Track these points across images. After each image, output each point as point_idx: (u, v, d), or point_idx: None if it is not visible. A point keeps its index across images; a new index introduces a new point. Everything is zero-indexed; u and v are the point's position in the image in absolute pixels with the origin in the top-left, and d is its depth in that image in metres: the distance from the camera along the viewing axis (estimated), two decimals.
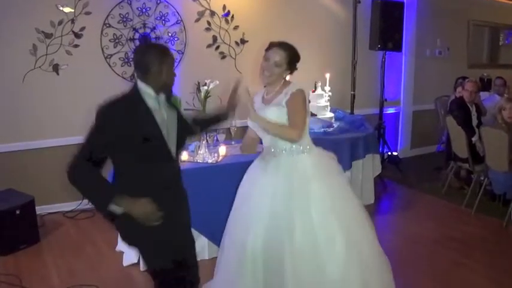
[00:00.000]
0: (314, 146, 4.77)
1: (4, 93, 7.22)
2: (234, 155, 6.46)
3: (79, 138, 7.46)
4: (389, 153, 9.99)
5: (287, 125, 4.46)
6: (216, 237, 5.96)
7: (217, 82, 6.71)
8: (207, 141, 6.39)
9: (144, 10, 7.82)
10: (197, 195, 5.80)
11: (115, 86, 7.56)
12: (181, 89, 8.07)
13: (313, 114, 8.00)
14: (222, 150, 6.41)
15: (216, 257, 5.14)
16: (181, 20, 8.12)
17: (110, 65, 7.74)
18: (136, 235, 3.77)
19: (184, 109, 7.19)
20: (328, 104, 8.34)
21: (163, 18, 7.99)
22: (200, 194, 5.82)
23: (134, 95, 3.68)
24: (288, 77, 4.63)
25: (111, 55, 7.73)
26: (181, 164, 6.05)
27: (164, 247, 3.78)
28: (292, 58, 4.73)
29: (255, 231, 4.37)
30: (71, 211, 7.72)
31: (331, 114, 8.29)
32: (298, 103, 4.57)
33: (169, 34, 8.08)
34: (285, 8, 9.00)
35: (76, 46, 7.47)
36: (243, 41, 8.64)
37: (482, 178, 8.04)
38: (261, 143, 4.82)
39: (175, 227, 3.88)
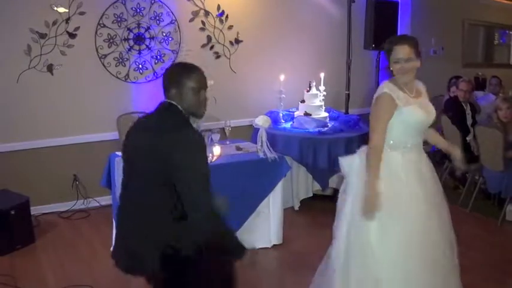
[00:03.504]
0: None
1: None
2: (228, 154, 6.46)
3: (74, 138, 7.55)
4: None
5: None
6: None
7: (212, 82, 6.69)
8: None
9: (138, 10, 7.82)
10: None
11: (109, 86, 7.63)
12: None
13: (307, 114, 8.01)
14: (217, 150, 6.40)
15: None
16: (176, 20, 8.11)
17: (104, 65, 7.72)
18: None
19: None
20: (322, 103, 8.34)
21: (157, 18, 7.98)
22: None
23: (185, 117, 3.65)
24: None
25: (106, 55, 7.72)
26: None
27: None
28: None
29: None
30: (66, 211, 7.71)
31: (326, 114, 8.30)
32: None
33: (164, 34, 8.07)
34: (279, 8, 8.99)
35: (70, 46, 7.46)
36: (237, 41, 8.64)
37: (477, 177, 8.05)
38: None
39: None
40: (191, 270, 3.50)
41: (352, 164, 4.63)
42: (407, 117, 4.38)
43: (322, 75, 8.58)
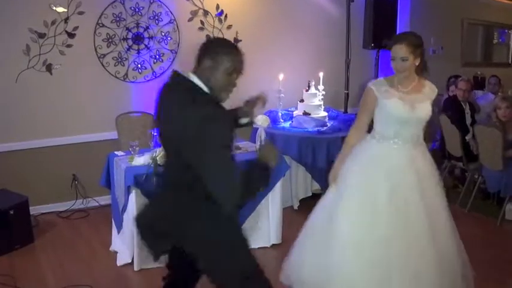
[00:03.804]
0: None
1: None
2: None
3: (73, 138, 7.54)
4: None
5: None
6: None
7: None
8: None
9: (137, 10, 7.81)
10: None
11: (108, 85, 7.61)
12: None
13: (306, 114, 8.00)
14: None
15: None
16: (175, 20, 8.11)
17: (103, 65, 7.72)
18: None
19: None
20: (321, 103, 8.34)
21: (156, 17, 7.97)
22: None
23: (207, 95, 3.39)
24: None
25: (105, 55, 7.72)
26: None
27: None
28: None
29: None
30: (65, 211, 7.71)
31: (325, 113, 8.30)
32: None
33: (163, 33, 8.07)
34: (278, 7, 8.98)
35: (69, 46, 7.45)
36: (236, 41, 8.59)
37: (476, 176, 8.06)
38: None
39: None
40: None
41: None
42: (387, 109, 4.59)
43: (321, 74, 8.58)
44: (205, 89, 3.32)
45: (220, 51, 3.32)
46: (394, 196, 4.46)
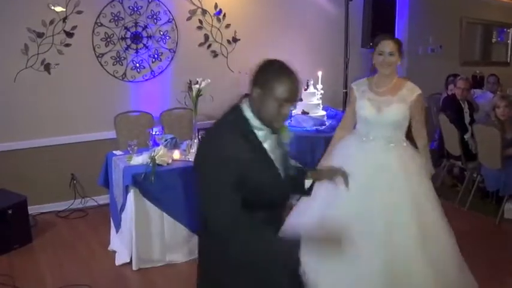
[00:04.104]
0: None
1: None
2: None
3: (72, 137, 7.55)
4: None
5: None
6: None
7: (209, 81, 6.70)
8: (198, 139, 6.38)
9: (135, 9, 7.80)
10: (189, 194, 5.84)
11: (107, 85, 7.61)
12: (173, 87, 8.12)
13: (305, 113, 8.00)
14: None
15: None
16: (173, 19, 8.10)
17: (101, 64, 7.71)
18: None
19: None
20: (320, 102, 8.34)
21: (154, 16, 7.96)
22: (192, 192, 5.85)
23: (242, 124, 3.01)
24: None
25: (103, 54, 7.71)
26: (173, 163, 6.11)
27: None
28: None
29: None
30: (64, 211, 7.70)
31: (324, 112, 8.29)
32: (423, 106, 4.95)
33: (161, 33, 8.06)
34: (276, 6, 8.99)
35: (68, 45, 7.45)
36: (235, 40, 8.63)
37: (475, 175, 8.06)
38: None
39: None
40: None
41: None
42: (357, 108, 4.88)
43: (319, 73, 8.56)
44: (253, 120, 3.00)
45: (272, 80, 2.94)
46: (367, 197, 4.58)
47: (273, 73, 2.97)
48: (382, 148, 4.78)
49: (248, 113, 3.00)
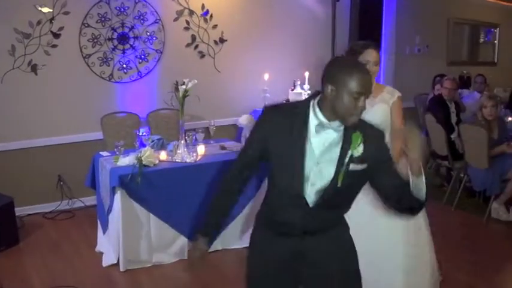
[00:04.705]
0: None
1: None
2: (213, 154, 6.47)
3: (59, 139, 7.53)
4: None
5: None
6: (194, 235, 6.00)
7: (196, 81, 6.70)
8: (185, 140, 6.38)
9: (122, 9, 7.80)
10: (176, 195, 5.84)
11: (93, 85, 7.60)
12: (160, 88, 8.12)
13: None
14: (201, 149, 6.42)
15: None
16: (160, 19, 8.10)
17: (88, 65, 7.69)
18: None
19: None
20: None
21: (141, 17, 7.96)
22: (179, 193, 5.87)
23: (303, 107, 3.06)
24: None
25: (90, 55, 7.69)
26: (160, 164, 6.10)
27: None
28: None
29: None
30: (51, 212, 7.68)
31: None
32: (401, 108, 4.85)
33: (148, 33, 8.05)
34: (264, 7, 9.00)
35: (54, 46, 7.43)
36: (222, 40, 8.63)
37: (462, 175, 8.08)
38: None
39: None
40: None
41: None
42: None
43: (306, 74, 8.60)
44: (315, 114, 3.01)
45: (343, 74, 2.92)
46: None
47: (344, 68, 2.96)
48: None
49: (314, 107, 3.02)
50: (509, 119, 8.89)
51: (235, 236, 6.39)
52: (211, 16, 8.49)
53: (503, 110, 9.54)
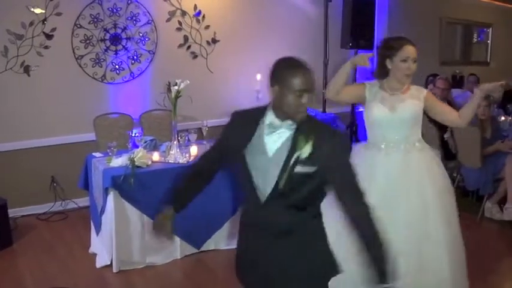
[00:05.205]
0: None
1: None
2: None
3: (51, 140, 7.51)
4: None
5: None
6: (187, 235, 6.02)
7: (188, 82, 6.70)
8: (178, 141, 6.39)
9: (114, 10, 7.79)
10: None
11: (86, 86, 7.59)
12: (152, 89, 8.12)
13: None
14: (194, 150, 6.42)
15: (188, 255, 5.16)
16: (152, 20, 8.10)
17: (81, 66, 7.69)
18: None
19: None
20: None
21: (134, 18, 7.96)
22: None
23: (263, 110, 3.15)
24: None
25: (82, 56, 7.69)
26: (152, 164, 6.10)
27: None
28: None
29: None
30: (44, 213, 7.67)
31: None
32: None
33: (140, 34, 8.06)
34: (256, 8, 9.01)
35: (47, 47, 7.43)
36: (214, 41, 8.64)
37: (455, 175, 8.09)
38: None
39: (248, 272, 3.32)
40: None
41: None
42: (369, 112, 4.59)
43: None
44: (269, 114, 3.09)
45: (285, 74, 3.04)
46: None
47: (286, 68, 3.09)
48: (402, 151, 4.63)
49: (269, 109, 3.10)
50: (502, 118, 8.89)
51: (227, 237, 6.40)
52: (203, 17, 8.49)
53: (496, 110, 9.55)
